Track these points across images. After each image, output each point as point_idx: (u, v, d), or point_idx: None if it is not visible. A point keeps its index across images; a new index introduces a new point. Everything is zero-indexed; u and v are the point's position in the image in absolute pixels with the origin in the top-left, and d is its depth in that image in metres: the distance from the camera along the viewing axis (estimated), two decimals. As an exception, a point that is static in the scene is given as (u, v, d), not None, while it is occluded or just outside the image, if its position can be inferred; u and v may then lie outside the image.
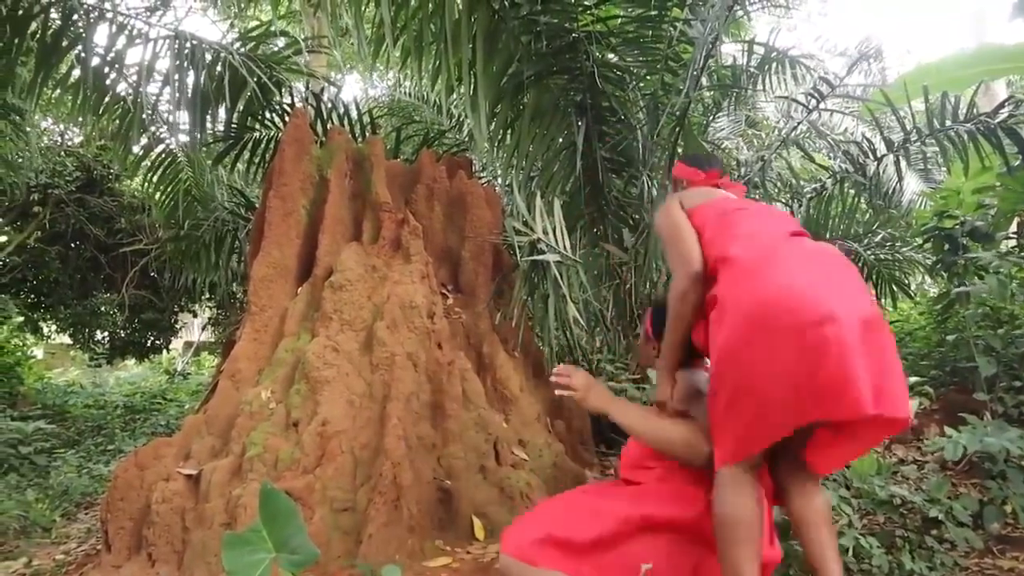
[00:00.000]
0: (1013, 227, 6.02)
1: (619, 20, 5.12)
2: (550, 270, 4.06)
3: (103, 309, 10.76)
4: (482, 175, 7.80)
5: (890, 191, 7.04)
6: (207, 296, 10.94)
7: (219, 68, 5.35)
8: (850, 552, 2.82)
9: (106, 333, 11.54)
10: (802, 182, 6.82)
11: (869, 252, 6.52)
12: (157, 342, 11.78)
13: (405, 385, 3.68)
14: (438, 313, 4.16)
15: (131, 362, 14.38)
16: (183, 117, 5.80)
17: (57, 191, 9.37)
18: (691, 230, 2.42)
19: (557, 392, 2.46)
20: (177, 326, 12.19)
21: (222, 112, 5.78)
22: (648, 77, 5.39)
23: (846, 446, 2.24)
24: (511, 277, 4.81)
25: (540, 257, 4.01)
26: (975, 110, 5.19)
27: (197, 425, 3.71)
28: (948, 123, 5.17)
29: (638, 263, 5.19)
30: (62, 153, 9.69)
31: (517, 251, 4.22)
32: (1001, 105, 5.05)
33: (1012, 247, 5.42)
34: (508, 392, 4.28)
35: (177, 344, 15.70)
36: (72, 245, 10.25)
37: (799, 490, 2.30)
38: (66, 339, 12.30)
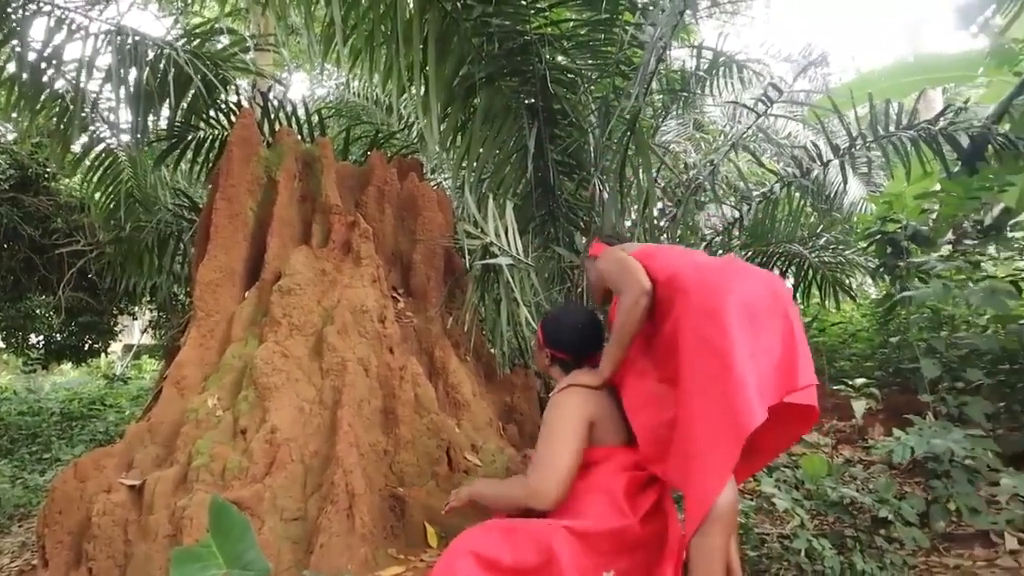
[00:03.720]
0: (949, 233, 6.19)
1: (571, 23, 5.12)
2: (502, 273, 4.03)
3: (38, 312, 10.41)
4: (432, 177, 7.74)
5: (833, 195, 7.19)
6: (148, 299, 10.67)
7: (163, 65, 5.21)
8: (802, 553, 2.86)
9: (41, 337, 11.17)
10: (750, 186, 6.90)
11: (814, 255, 6.63)
12: (95, 346, 11.44)
13: (356, 391, 3.62)
14: (389, 317, 4.10)
15: (68, 367, 13.98)
16: (125, 115, 5.65)
17: (-12, 190, 9.04)
18: (637, 262, 2.70)
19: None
20: (116, 329, 11.86)
21: (165, 110, 5.64)
22: (599, 80, 5.40)
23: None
24: (463, 281, 4.78)
25: (492, 260, 3.97)
26: (916, 116, 5.32)
27: (140, 434, 3.60)
28: (892, 129, 5.27)
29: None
30: (-6, 151, 9.36)
31: (468, 254, 4.19)
32: (943, 112, 5.18)
33: (952, 252, 5.55)
34: (460, 397, 4.24)
35: (116, 348, 15.31)
36: (4, 246, 9.89)
37: None
38: (-2, 343, 11.90)
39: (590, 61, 5.32)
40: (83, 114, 5.54)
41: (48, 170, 9.44)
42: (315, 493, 3.26)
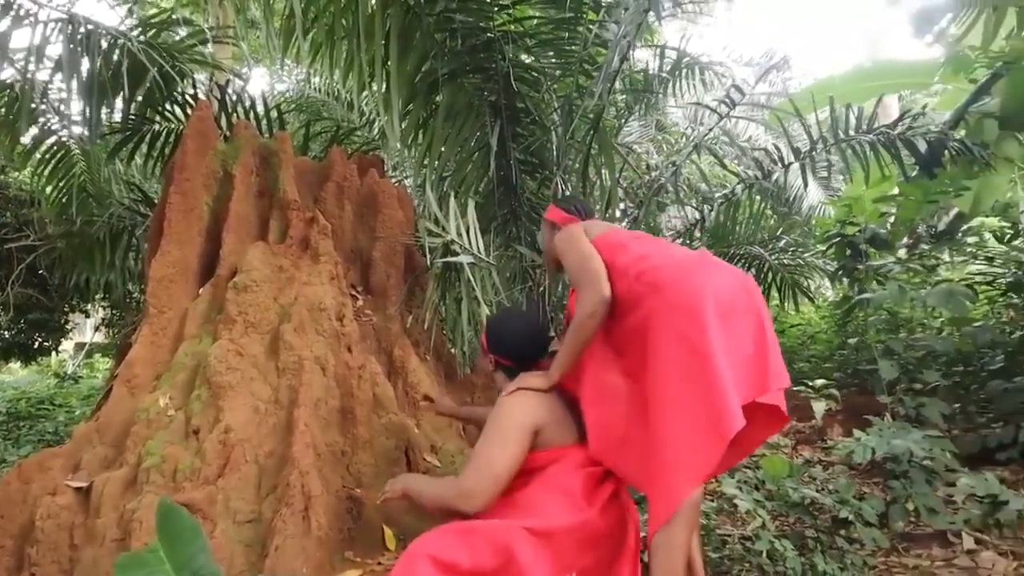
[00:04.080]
0: (904, 238, 6.29)
1: (535, 21, 5.09)
2: (463, 272, 3.99)
3: (-16, 309, 10.12)
4: (393, 175, 7.68)
5: (792, 198, 7.26)
6: (101, 296, 10.42)
7: (116, 55, 5.06)
8: (764, 555, 2.85)
9: (-13, 335, 10.86)
10: (712, 188, 6.94)
11: (773, 257, 6.68)
12: (45, 344, 11.11)
13: (313, 390, 3.54)
14: (348, 315, 4.03)
15: (16, 365, 13.61)
16: (77, 107, 5.49)
17: (-67, 183, 8.76)
18: (599, 258, 2.63)
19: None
20: (68, 327, 11.56)
21: (120, 103, 5.50)
22: (563, 79, 5.37)
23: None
24: (423, 279, 4.72)
25: (454, 259, 3.93)
26: (876, 121, 5.38)
27: (88, 434, 3.48)
28: (852, 133, 5.32)
29: (552, 276, 5.16)
30: (-61, 143, 9.05)
31: (429, 252, 4.14)
32: (901, 117, 5.25)
33: (910, 254, 5.64)
34: (419, 397, 4.19)
35: (68, 346, 14.96)
36: (-50, 241, 9.59)
37: None
38: (-59, 341, 11.52)
39: (553, 59, 5.29)
40: (33, 105, 5.36)
41: (-3, 163, 9.18)
42: (270, 495, 3.18)
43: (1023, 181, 6.66)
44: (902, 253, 5.89)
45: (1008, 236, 5.96)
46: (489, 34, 4.70)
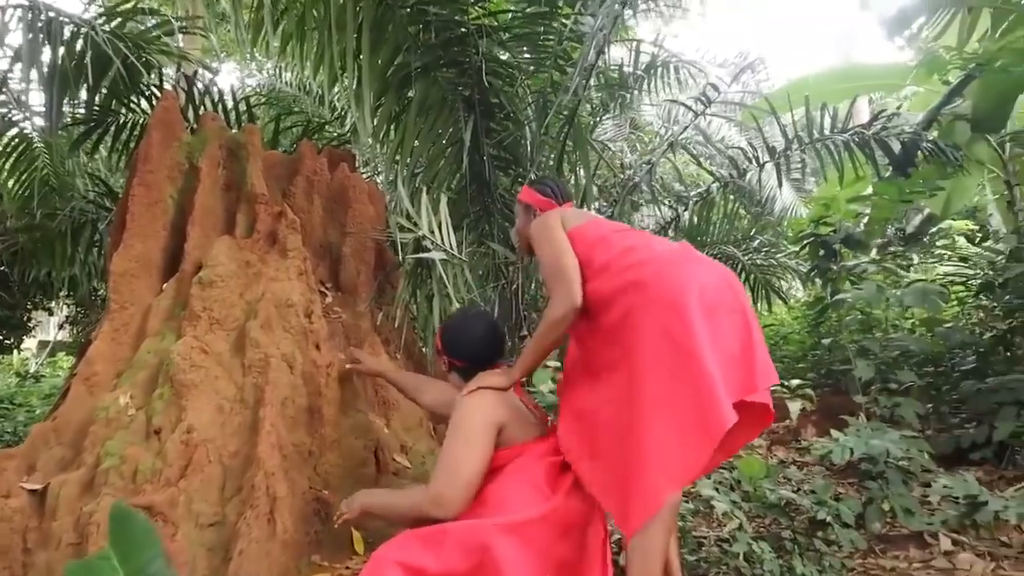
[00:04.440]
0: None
1: (509, 15, 5.05)
2: (435, 269, 3.93)
3: (-57, 306, 9.87)
4: (364, 170, 7.59)
5: (764, 199, 7.29)
6: (65, 293, 10.20)
7: (80, 45, 4.92)
8: (741, 557, 2.82)
9: (-54, 332, 10.60)
10: (685, 187, 6.95)
11: (747, 257, 6.69)
12: (7, 342, 10.89)
13: (280, 389, 3.44)
14: (316, 312, 3.93)
15: (-24, 364, 13.34)
16: (38, 98, 5.35)
17: None
18: (575, 259, 2.54)
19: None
20: (30, 324, 11.32)
21: (83, 94, 5.35)
22: (537, 74, 5.33)
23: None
24: (394, 275, 4.65)
25: (425, 255, 3.87)
26: (850, 122, 5.41)
27: (44, 434, 3.36)
28: (827, 133, 5.34)
29: (524, 263, 5.12)
30: None
31: (400, 249, 4.07)
32: (875, 117, 5.27)
33: (881, 256, 5.66)
34: (389, 396, 4.11)
35: (31, 344, 14.69)
36: (-92, 236, 9.34)
37: None
38: (-101, 338, 11.23)
39: (528, 54, 5.26)
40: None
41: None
42: (234, 497, 3.09)
43: (992, 184, 6.72)
44: (872, 254, 5.92)
45: (979, 238, 6.01)
46: (463, 28, 4.66)
